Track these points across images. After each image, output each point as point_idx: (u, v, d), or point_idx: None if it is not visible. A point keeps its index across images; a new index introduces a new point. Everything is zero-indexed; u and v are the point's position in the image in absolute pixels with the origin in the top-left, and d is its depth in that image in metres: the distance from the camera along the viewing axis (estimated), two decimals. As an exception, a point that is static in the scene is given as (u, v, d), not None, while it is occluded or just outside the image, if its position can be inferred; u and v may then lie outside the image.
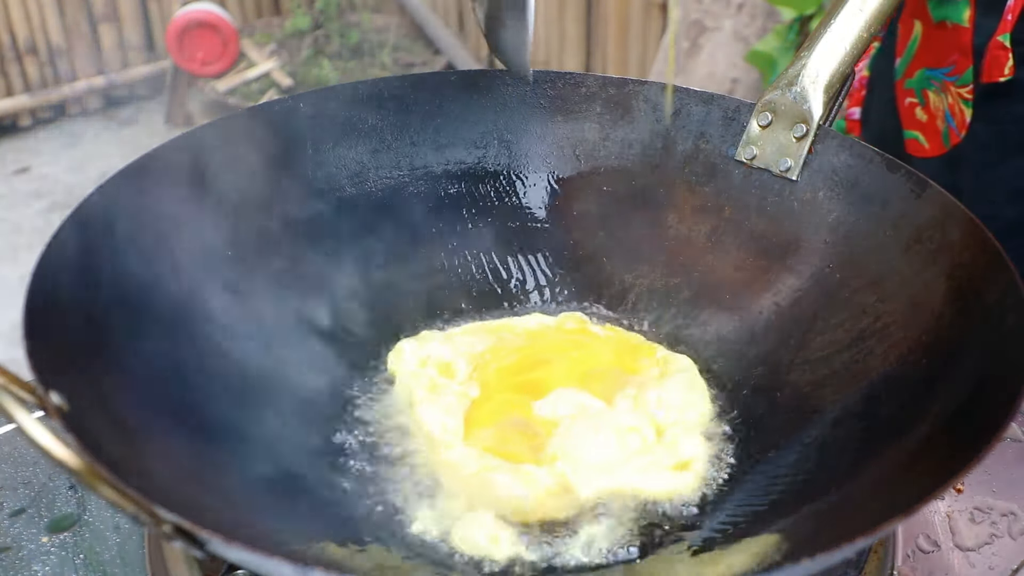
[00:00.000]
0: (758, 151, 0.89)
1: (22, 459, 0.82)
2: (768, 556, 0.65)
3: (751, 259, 0.89)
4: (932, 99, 1.10)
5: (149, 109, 3.98)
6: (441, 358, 0.85)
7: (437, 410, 0.79)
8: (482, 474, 0.73)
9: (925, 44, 1.10)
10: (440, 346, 0.86)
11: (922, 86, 1.12)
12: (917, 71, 1.12)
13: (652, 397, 0.81)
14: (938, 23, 1.07)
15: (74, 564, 0.72)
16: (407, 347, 0.86)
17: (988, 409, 0.60)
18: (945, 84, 1.08)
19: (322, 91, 0.92)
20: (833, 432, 0.75)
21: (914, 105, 1.13)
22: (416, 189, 0.95)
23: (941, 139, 1.10)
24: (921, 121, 1.13)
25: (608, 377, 0.83)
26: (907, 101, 1.14)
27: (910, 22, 1.12)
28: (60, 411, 0.54)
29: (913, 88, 1.13)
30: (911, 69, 1.13)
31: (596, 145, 0.96)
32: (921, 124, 1.13)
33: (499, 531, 0.69)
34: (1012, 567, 0.74)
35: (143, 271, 0.74)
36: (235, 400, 0.75)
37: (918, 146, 1.14)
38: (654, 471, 0.74)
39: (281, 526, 0.66)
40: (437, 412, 0.79)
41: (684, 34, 2.68)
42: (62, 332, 0.63)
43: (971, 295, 0.71)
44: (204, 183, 0.82)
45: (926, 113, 1.12)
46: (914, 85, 1.13)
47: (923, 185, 0.79)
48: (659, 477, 0.74)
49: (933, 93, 1.10)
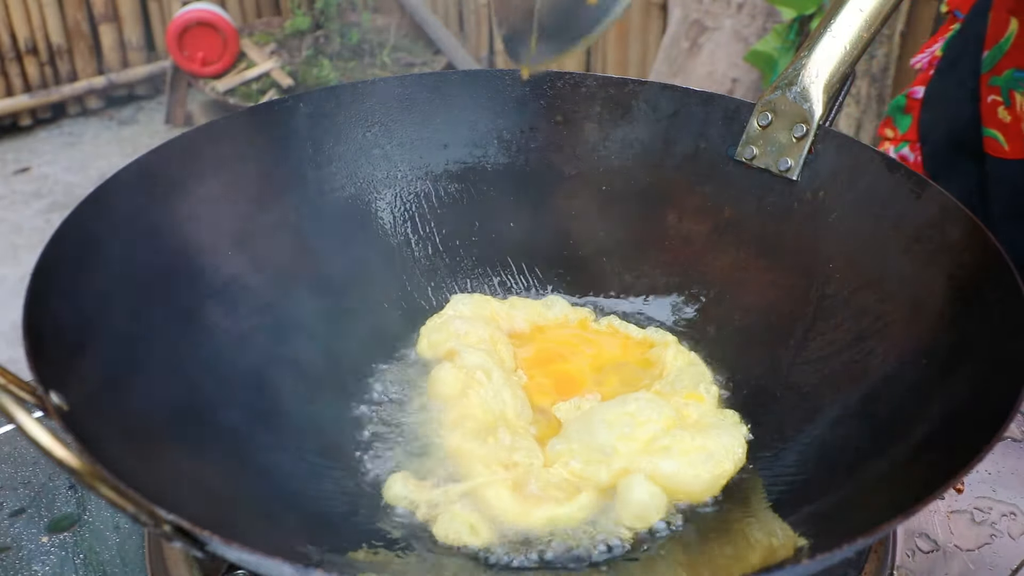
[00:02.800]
0: (758, 151, 0.89)
1: (22, 459, 0.82)
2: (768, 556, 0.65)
3: (751, 259, 0.89)
4: (1020, 101, 1.07)
5: (149, 109, 3.98)
6: (476, 335, 0.86)
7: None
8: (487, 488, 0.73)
9: (1020, 43, 1.07)
10: (470, 325, 0.87)
11: (1010, 86, 1.08)
12: (1007, 70, 1.09)
13: (664, 390, 0.81)
14: None
15: (74, 564, 0.72)
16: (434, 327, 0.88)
17: (988, 409, 0.59)
18: None
19: (322, 91, 0.92)
20: (833, 432, 0.75)
21: (997, 104, 1.10)
22: (417, 189, 0.95)
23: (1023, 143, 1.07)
24: (1003, 121, 1.10)
25: (622, 372, 0.84)
26: (990, 98, 1.11)
27: (1005, 17, 1.09)
28: (60, 411, 0.54)
29: (999, 86, 1.10)
30: (1000, 66, 1.10)
31: (596, 145, 0.96)
32: (1003, 124, 1.10)
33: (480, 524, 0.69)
34: (1012, 567, 0.74)
35: (143, 271, 0.74)
36: (236, 400, 0.75)
37: (996, 146, 1.10)
38: (665, 465, 0.74)
39: (281, 525, 0.66)
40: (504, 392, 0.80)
41: (684, 34, 2.68)
42: (62, 332, 0.63)
43: (971, 295, 0.71)
44: (204, 183, 0.82)
45: (1010, 114, 1.09)
46: (1000, 83, 1.10)
47: (923, 185, 0.79)
48: (669, 472, 0.74)
49: (1021, 95, 1.07)
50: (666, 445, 0.74)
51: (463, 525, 0.69)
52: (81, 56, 3.78)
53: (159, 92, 3.95)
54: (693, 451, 0.74)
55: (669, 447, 0.74)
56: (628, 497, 0.71)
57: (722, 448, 0.75)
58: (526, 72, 0.88)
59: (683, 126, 0.93)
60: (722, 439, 0.75)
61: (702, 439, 0.75)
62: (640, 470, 0.72)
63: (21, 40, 3.61)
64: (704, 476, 0.73)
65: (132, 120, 3.92)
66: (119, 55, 3.85)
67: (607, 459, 0.73)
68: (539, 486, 0.72)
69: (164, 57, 3.79)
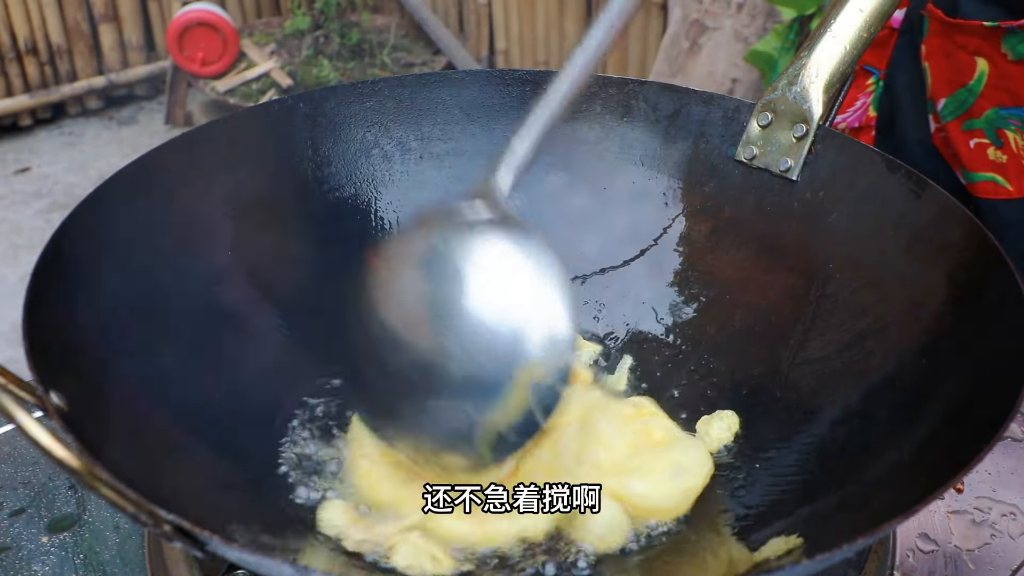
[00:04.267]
0: (758, 151, 0.89)
1: (22, 459, 0.82)
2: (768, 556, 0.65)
3: (751, 259, 0.89)
4: (1013, 138, 1.05)
5: (149, 109, 3.98)
6: None
7: None
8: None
9: (997, 83, 1.06)
10: None
11: (996, 125, 1.07)
12: (987, 110, 1.07)
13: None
14: (1020, 60, 1.03)
15: (74, 564, 0.72)
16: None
17: (988, 409, 0.60)
18: None
19: (322, 91, 0.92)
20: (833, 432, 0.75)
21: (984, 146, 1.08)
22: (417, 188, 0.95)
23: None
24: (998, 162, 1.08)
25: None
26: (973, 142, 1.09)
27: (967, 59, 1.07)
28: (60, 411, 0.54)
29: (981, 128, 1.08)
30: (976, 109, 1.08)
31: (596, 145, 0.96)
32: (998, 165, 1.08)
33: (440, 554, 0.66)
34: (1012, 567, 0.74)
35: (143, 271, 0.74)
36: (236, 400, 0.75)
37: (995, 188, 1.09)
38: (630, 482, 0.72)
39: (280, 524, 0.66)
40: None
41: (684, 34, 2.68)
42: (62, 332, 0.63)
43: (971, 295, 0.71)
44: (204, 183, 0.82)
45: (1005, 153, 1.07)
46: (982, 125, 1.08)
47: (923, 185, 0.79)
48: (634, 488, 0.72)
49: (1013, 132, 1.05)
50: (634, 466, 0.73)
51: (425, 556, 0.66)
52: (81, 56, 3.78)
53: (159, 92, 3.94)
54: (661, 468, 0.72)
55: (638, 467, 0.72)
56: (591, 518, 0.68)
57: (693, 462, 0.74)
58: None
59: (683, 126, 0.93)
60: (690, 452, 0.75)
61: (670, 455, 0.74)
62: (608, 489, 0.70)
63: (21, 40, 3.61)
64: (675, 492, 0.72)
65: (132, 120, 3.92)
66: (119, 55, 3.85)
67: (572, 479, 0.70)
68: (500, 502, 0.68)
69: (164, 57, 3.78)
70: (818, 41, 0.87)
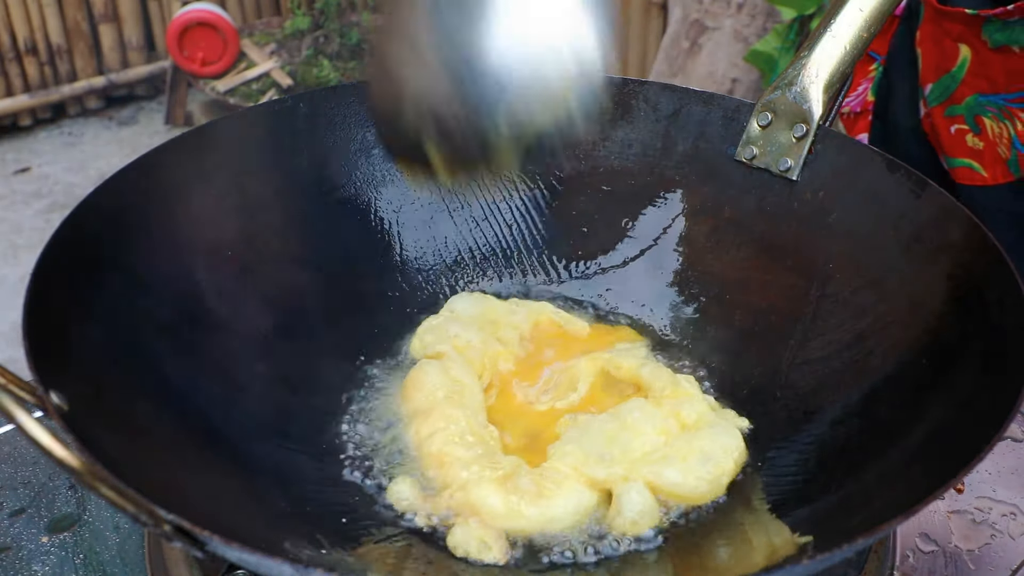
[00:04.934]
0: (758, 151, 0.89)
1: (22, 459, 0.82)
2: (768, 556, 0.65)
3: (751, 259, 0.89)
4: (990, 125, 1.06)
5: (149, 109, 3.98)
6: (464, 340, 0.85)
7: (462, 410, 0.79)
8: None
9: (977, 70, 1.07)
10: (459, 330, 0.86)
11: (975, 112, 1.08)
12: (967, 97, 1.08)
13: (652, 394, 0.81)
14: (997, 48, 1.03)
15: (74, 564, 0.72)
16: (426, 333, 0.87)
17: (988, 409, 0.60)
18: (1011, 111, 1.04)
19: (322, 91, 0.92)
20: (833, 432, 0.75)
21: (964, 132, 1.09)
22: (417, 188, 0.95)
23: (1006, 167, 1.07)
24: (975, 149, 1.09)
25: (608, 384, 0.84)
26: (953, 128, 1.10)
27: (951, 46, 1.08)
28: (60, 411, 0.54)
29: (962, 115, 1.09)
30: (958, 95, 1.09)
31: (596, 145, 0.96)
32: (975, 152, 1.09)
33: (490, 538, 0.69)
34: (1012, 567, 0.74)
35: (143, 271, 0.74)
36: (236, 400, 0.75)
37: (971, 174, 1.10)
38: (663, 471, 0.74)
39: (280, 525, 0.66)
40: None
41: (684, 34, 2.68)
42: (62, 332, 0.63)
43: (971, 295, 0.71)
44: (204, 183, 0.82)
45: (982, 140, 1.08)
46: (962, 111, 1.09)
47: (923, 185, 0.79)
48: (666, 477, 0.73)
49: (990, 119, 1.06)
50: (666, 454, 0.74)
51: (475, 540, 0.68)
52: (81, 56, 3.78)
53: (159, 92, 3.94)
54: (691, 456, 0.73)
55: (669, 455, 0.73)
56: (625, 503, 0.70)
57: (721, 449, 0.74)
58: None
59: (683, 126, 0.93)
60: (720, 439, 0.75)
61: (699, 442, 0.74)
62: (640, 478, 0.72)
63: (21, 40, 3.61)
64: (706, 479, 0.73)
65: (132, 120, 3.92)
66: (119, 55, 3.85)
67: (606, 465, 0.73)
68: (531, 479, 0.72)
69: (164, 57, 3.78)
70: (818, 41, 0.87)
